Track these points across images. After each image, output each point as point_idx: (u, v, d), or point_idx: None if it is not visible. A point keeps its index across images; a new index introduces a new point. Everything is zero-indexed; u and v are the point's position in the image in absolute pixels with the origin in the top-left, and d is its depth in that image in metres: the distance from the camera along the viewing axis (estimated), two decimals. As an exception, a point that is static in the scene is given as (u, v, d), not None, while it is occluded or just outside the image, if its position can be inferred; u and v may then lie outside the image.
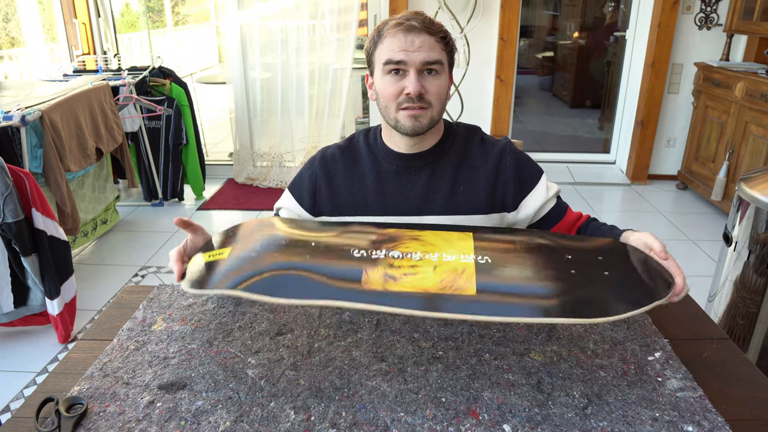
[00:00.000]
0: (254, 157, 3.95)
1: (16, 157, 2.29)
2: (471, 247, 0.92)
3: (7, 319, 2.14)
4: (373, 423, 0.77)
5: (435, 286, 0.82)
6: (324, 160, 1.19)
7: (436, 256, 0.89)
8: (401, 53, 1.04)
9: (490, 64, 3.75)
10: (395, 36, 1.05)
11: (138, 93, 3.25)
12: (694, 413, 0.78)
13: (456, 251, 0.91)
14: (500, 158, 1.15)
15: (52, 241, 2.07)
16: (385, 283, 0.82)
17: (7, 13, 4.48)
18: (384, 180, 1.15)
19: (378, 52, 1.08)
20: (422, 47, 1.04)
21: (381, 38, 1.08)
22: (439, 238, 0.95)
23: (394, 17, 1.08)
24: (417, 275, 0.84)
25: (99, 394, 0.84)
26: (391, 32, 1.06)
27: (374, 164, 1.16)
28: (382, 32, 1.08)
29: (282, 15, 3.60)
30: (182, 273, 0.92)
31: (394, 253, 0.90)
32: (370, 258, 0.89)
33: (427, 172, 1.14)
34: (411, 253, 0.90)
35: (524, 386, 0.84)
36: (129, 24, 7.07)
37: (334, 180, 1.17)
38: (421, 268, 0.86)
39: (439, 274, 0.84)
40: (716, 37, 3.60)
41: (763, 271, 1.64)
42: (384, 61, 1.06)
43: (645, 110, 3.73)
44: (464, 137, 1.18)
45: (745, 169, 3.08)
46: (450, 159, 1.15)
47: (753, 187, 1.67)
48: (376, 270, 0.85)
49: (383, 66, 1.07)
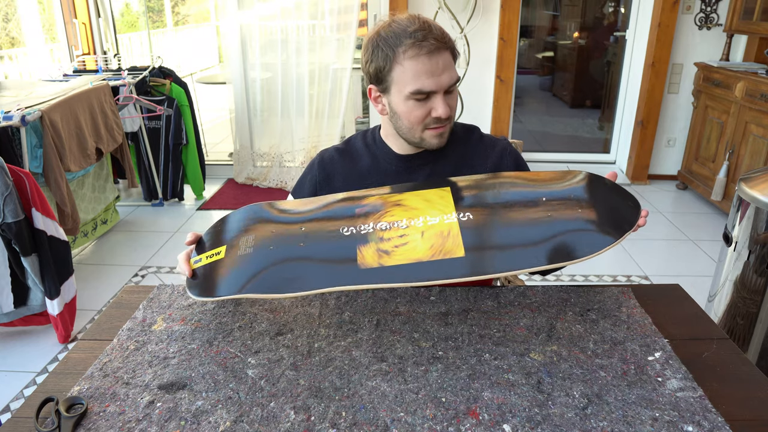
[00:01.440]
0: (254, 157, 3.95)
1: (16, 157, 2.29)
2: (451, 204, 0.96)
3: (7, 319, 2.14)
4: (373, 423, 0.77)
5: (426, 253, 0.86)
6: (322, 163, 1.19)
7: (420, 220, 0.93)
8: (430, 82, 1.00)
9: (490, 64, 3.75)
10: (418, 60, 0.99)
11: (138, 93, 3.25)
12: (694, 413, 0.78)
13: (438, 211, 0.94)
14: (500, 158, 1.15)
15: (52, 241, 2.07)
16: (380, 259, 0.86)
17: (7, 13, 4.48)
18: (384, 180, 1.15)
19: (398, 76, 1.02)
20: (446, 69, 1.01)
21: (398, 58, 1.01)
22: (420, 199, 0.98)
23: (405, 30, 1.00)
24: (407, 245, 0.88)
25: (99, 394, 0.84)
26: (412, 54, 0.99)
27: (374, 165, 1.16)
28: (396, 52, 1.01)
29: (282, 15, 3.60)
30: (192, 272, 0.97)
31: (381, 224, 0.93)
32: (360, 234, 0.92)
33: (426, 171, 1.14)
34: (397, 221, 0.93)
35: (524, 386, 0.84)
36: (129, 24, 7.07)
37: (334, 182, 1.17)
38: (410, 236, 0.90)
39: (428, 240, 0.89)
40: (716, 37, 3.60)
41: (763, 271, 1.64)
42: (412, 90, 1.01)
43: (645, 110, 3.73)
44: (463, 137, 1.18)
45: (745, 169, 3.08)
46: (449, 159, 1.15)
47: (753, 187, 1.67)
48: (368, 246, 0.89)
49: (410, 94, 1.02)
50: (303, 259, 0.88)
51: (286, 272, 0.87)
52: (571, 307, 1.04)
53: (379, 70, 1.04)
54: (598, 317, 1.01)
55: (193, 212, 3.47)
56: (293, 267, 0.87)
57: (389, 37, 1.01)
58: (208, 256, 0.98)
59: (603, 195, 0.95)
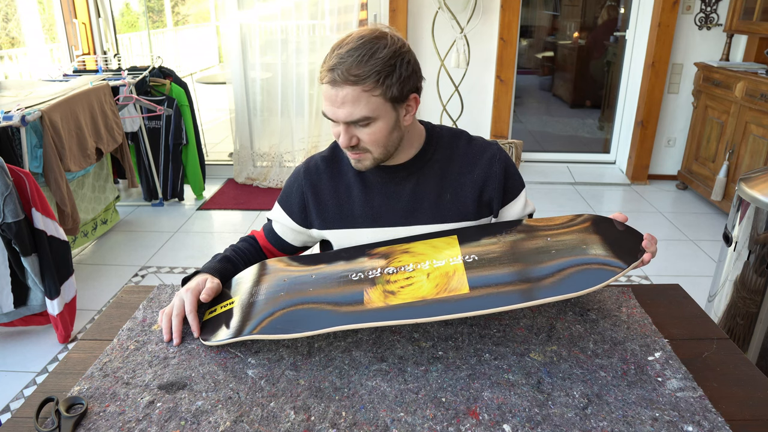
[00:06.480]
0: (254, 157, 3.95)
1: (16, 157, 2.29)
2: (457, 249, 0.99)
3: (7, 319, 2.14)
4: (373, 423, 0.77)
5: (431, 292, 0.88)
6: (308, 173, 1.16)
7: (427, 264, 0.96)
8: (329, 108, 1.00)
9: (490, 64, 3.75)
10: (325, 85, 0.99)
11: (138, 93, 3.25)
12: (694, 413, 0.78)
13: (444, 256, 0.97)
14: (490, 165, 1.13)
15: (52, 241, 2.07)
16: (386, 299, 0.88)
17: (7, 13, 4.48)
18: (370, 191, 1.13)
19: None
20: (345, 103, 0.97)
21: (321, 76, 1.01)
22: (428, 246, 1.02)
23: (332, 51, 0.99)
24: (413, 285, 0.90)
25: (99, 394, 0.84)
26: (323, 77, 0.99)
27: (359, 175, 1.14)
28: (322, 69, 1.00)
29: (282, 15, 3.60)
30: (198, 327, 0.98)
31: (389, 269, 0.96)
32: (367, 278, 0.95)
33: (412, 181, 1.13)
34: (404, 266, 0.96)
35: (524, 386, 0.84)
36: (129, 24, 7.07)
37: (321, 194, 1.15)
38: (416, 278, 0.92)
39: (433, 280, 0.91)
40: (716, 37, 3.60)
41: (763, 271, 1.64)
42: (323, 110, 1.03)
43: (645, 110, 3.74)
44: (449, 142, 1.15)
45: (745, 169, 3.08)
46: (434, 167, 1.13)
47: (753, 187, 1.67)
48: (375, 288, 0.91)
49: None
50: (312, 303, 0.92)
51: (295, 316, 0.90)
52: (571, 307, 1.04)
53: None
54: (598, 317, 1.01)
55: (193, 212, 3.47)
56: (302, 311, 0.91)
57: (328, 53, 1.01)
58: (222, 306, 1.01)
59: (607, 234, 0.96)
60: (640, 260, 0.88)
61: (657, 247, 0.93)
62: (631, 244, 0.92)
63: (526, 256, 0.92)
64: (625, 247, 0.91)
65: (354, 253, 1.06)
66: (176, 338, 0.96)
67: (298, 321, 0.89)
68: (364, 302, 0.89)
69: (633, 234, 0.96)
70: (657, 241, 0.95)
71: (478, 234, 1.04)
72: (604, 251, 0.90)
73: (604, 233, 0.96)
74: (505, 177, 1.14)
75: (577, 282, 0.83)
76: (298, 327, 0.88)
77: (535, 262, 0.90)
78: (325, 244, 1.26)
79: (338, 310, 0.88)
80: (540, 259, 0.90)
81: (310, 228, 1.18)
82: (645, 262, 0.89)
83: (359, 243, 1.12)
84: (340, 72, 0.96)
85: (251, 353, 0.92)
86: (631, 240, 0.94)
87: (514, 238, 0.99)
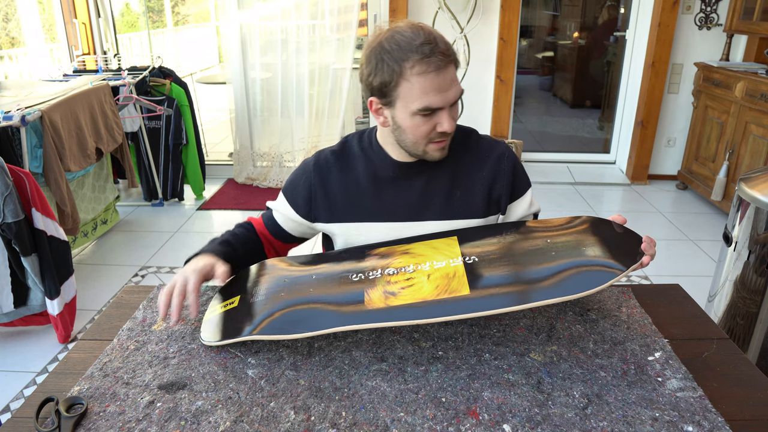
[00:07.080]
0: (254, 157, 3.95)
1: (16, 157, 2.29)
2: (458, 251, 0.98)
3: (7, 319, 2.14)
4: (373, 423, 0.77)
5: (431, 293, 0.88)
6: (318, 165, 1.16)
7: (427, 265, 0.95)
8: (438, 99, 0.98)
9: (490, 64, 3.75)
10: (426, 77, 0.97)
11: (138, 93, 3.25)
12: (694, 413, 0.78)
13: (444, 257, 0.97)
14: (498, 163, 1.14)
15: (52, 241, 2.07)
16: (386, 300, 0.88)
17: (7, 13, 4.48)
18: (380, 185, 1.13)
19: (404, 92, 0.99)
20: (453, 84, 1.00)
21: (404, 74, 0.98)
22: (428, 248, 1.02)
23: (410, 44, 0.97)
24: (413, 286, 0.90)
25: (99, 394, 0.84)
26: (419, 71, 0.97)
27: (370, 169, 1.14)
28: (403, 67, 0.97)
29: (282, 15, 3.60)
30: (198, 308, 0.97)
31: (389, 270, 0.96)
32: (368, 279, 0.95)
33: (423, 177, 1.13)
34: (404, 267, 0.96)
35: (524, 386, 0.84)
36: (129, 24, 7.07)
37: (330, 187, 1.15)
38: (416, 279, 0.92)
39: (433, 281, 0.91)
40: (716, 37, 3.60)
41: (763, 271, 1.64)
42: (420, 107, 0.99)
43: (645, 110, 3.73)
44: (460, 141, 1.16)
45: (745, 169, 3.08)
46: (446, 163, 1.13)
47: (753, 187, 1.67)
48: (376, 289, 0.91)
49: (417, 110, 1.00)
50: (312, 303, 0.92)
51: (295, 316, 0.90)
52: (571, 307, 1.05)
53: (384, 85, 1.01)
54: (598, 317, 1.01)
55: (193, 212, 3.47)
56: (303, 312, 0.91)
57: (394, 51, 0.98)
58: (224, 305, 1.01)
59: (607, 236, 0.96)
60: (639, 263, 0.88)
61: (656, 249, 0.93)
62: (630, 246, 0.92)
63: (526, 258, 0.92)
64: (624, 249, 0.91)
65: (354, 253, 1.06)
66: (174, 316, 0.95)
67: (299, 321, 0.89)
68: (364, 303, 0.89)
69: (632, 236, 0.96)
70: (656, 243, 0.94)
71: (478, 235, 1.04)
72: (604, 253, 0.90)
73: (603, 235, 0.96)
74: (514, 174, 1.15)
75: (577, 284, 0.84)
76: (298, 327, 0.88)
77: (535, 264, 0.90)
78: (326, 238, 1.26)
79: (339, 311, 0.89)
80: (540, 260, 0.91)
81: (313, 222, 1.17)
82: (644, 265, 0.89)
83: (367, 236, 1.13)
84: (441, 53, 0.97)
85: (251, 353, 0.92)
86: (630, 242, 0.94)
87: (514, 239, 0.99)
